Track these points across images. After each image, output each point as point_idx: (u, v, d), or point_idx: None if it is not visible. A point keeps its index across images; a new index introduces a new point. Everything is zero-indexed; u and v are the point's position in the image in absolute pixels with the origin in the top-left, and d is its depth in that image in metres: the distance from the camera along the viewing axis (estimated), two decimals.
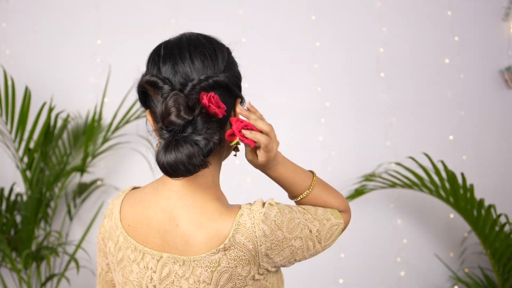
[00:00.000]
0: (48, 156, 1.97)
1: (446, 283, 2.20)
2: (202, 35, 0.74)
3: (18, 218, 2.08)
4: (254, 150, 0.73)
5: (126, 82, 2.18)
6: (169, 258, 0.70)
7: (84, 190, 2.13)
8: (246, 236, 0.66)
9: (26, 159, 1.96)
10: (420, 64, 2.26)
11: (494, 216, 1.82)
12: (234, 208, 0.70)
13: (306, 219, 0.72)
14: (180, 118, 0.64)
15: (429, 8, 2.27)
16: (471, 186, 1.81)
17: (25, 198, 2.04)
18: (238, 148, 0.77)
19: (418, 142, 2.24)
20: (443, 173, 2.07)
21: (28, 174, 1.99)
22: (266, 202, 0.70)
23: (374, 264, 2.22)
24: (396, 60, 2.26)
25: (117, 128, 2.07)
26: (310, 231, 0.72)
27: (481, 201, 1.80)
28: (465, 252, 2.19)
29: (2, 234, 1.85)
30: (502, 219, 2.06)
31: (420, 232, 2.23)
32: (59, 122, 2.13)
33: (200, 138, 0.64)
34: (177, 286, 0.69)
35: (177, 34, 0.75)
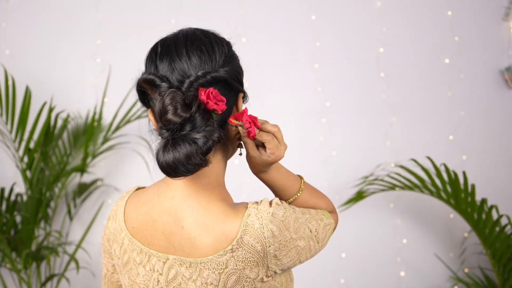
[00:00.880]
0: (48, 156, 1.97)
1: (446, 283, 2.20)
2: (199, 30, 0.73)
3: (18, 218, 2.07)
4: (257, 147, 0.72)
5: (126, 82, 2.18)
6: (175, 260, 0.69)
7: (84, 190, 2.13)
8: (255, 237, 0.65)
9: (26, 159, 1.96)
10: (420, 64, 2.26)
11: (495, 217, 1.81)
12: (240, 208, 0.68)
13: (306, 219, 0.71)
14: (177, 116, 0.62)
15: (429, 8, 2.27)
16: (473, 188, 1.81)
17: (25, 198, 2.04)
18: (242, 144, 0.76)
19: (418, 142, 2.24)
20: (444, 174, 2.07)
21: (28, 174, 1.99)
22: (272, 201, 0.69)
23: (374, 264, 2.22)
24: (396, 60, 2.26)
25: (117, 128, 2.07)
26: (310, 231, 0.71)
27: (482, 203, 1.79)
28: (465, 252, 2.19)
29: (2, 234, 1.85)
30: (502, 220, 2.06)
31: (420, 232, 2.23)
32: (59, 122, 2.13)
33: (198, 136, 0.62)
34: None
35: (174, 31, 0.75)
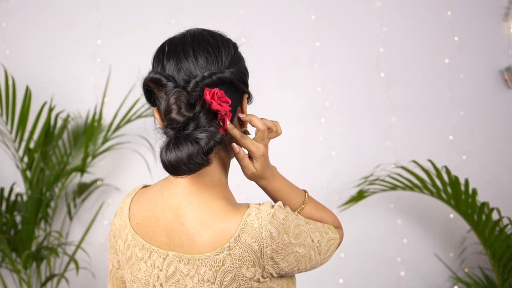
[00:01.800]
0: (48, 156, 1.97)
1: (446, 283, 2.20)
2: (207, 31, 0.74)
3: (18, 218, 2.07)
4: (251, 159, 0.74)
5: (126, 82, 2.18)
6: (174, 256, 0.70)
7: (84, 190, 2.13)
8: (253, 236, 0.65)
9: (26, 159, 1.96)
10: (420, 64, 2.26)
11: (495, 218, 1.81)
12: (241, 207, 0.69)
13: (308, 228, 0.71)
14: (180, 115, 0.63)
15: (429, 8, 2.27)
16: (474, 192, 1.81)
17: (25, 198, 2.04)
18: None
19: (418, 142, 2.24)
20: (445, 175, 2.07)
21: (28, 174, 1.99)
22: (275, 204, 0.69)
23: (374, 264, 2.22)
24: (396, 60, 2.26)
25: (117, 128, 2.07)
26: (312, 241, 0.71)
27: (483, 205, 1.79)
28: (464, 252, 2.19)
29: (2, 234, 1.85)
30: (503, 220, 2.06)
31: (420, 232, 2.23)
32: (59, 122, 2.13)
33: (201, 136, 0.63)
34: (182, 284, 0.69)
35: (181, 31, 0.75)
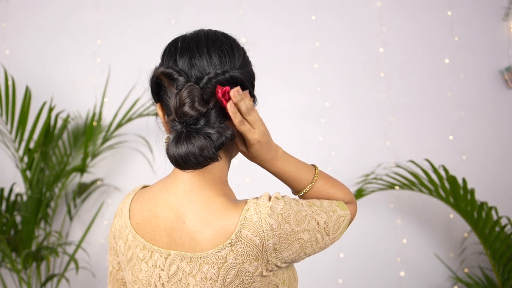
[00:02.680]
0: (48, 156, 1.97)
1: (446, 283, 2.20)
2: (220, 32, 0.75)
3: (18, 218, 2.07)
4: (244, 141, 0.72)
5: (126, 82, 2.18)
6: (176, 255, 0.70)
7: (84, 190, 2.13)
8: (253, 230, 0.65)
9: (26, 159, 1.96)
10: (420, 64, 2.26)
11: (495, 218, 1.81)
12: (240, 203, 0.69)
13: (313, 211, 0.71)
14: (194, 110, 0.64)
15: (429, 8, 2.27)
16: (472, 189, 1.81)
17: (25, 198, 2.04)
18: None
19: (418, 142, 2.24)
20: (443, 173, 2.07)
21: (28, 174, 1.99)
22: (272, 196, 0.70)
23: (374, 264, 2.22)
24: (396, 60, 2.26)
25: (117, 127, 2.07)
26: (318, 223, 0.71)
27: (482, 204, 1.79)
28: (464, 252, 2.19)
29: (2, 234, 1.85)
30: (502, 220, 2.06)
31: (420, 232, 2.23)
32: (59, 122, 2.13)
33: (212, 131, 0.64)
34: (184, 283, 0.69)
35: (181, 33, 0.76)
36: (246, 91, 0.69)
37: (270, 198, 0.69)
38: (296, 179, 0.77)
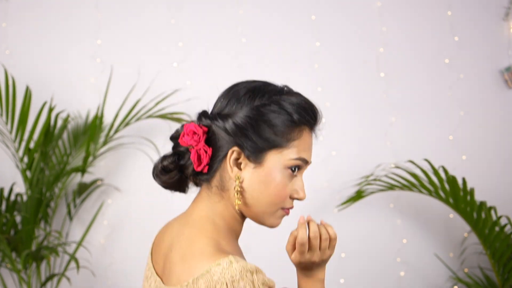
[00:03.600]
0: (48, 156, 1.97)
1: (446, 283, 2.20)
2: (255, 81, 0.79)
3: (18, 218, 2.07)
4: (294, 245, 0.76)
5: (126, 82, 2.18)
6: (158, 282, 0.74)
7: (84, 190, 2.13)
8: (206, 286, 0.62)
9: (26, 159, 1.96)
10: (420, 64, 2.26)
11: (494, 218, 1.81)
12: (220, 254, 0.65)
13: None
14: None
15: (429, 8, 2.27)
16: (472, 190, 1.81)
17: (25, 198, 2.04)
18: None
19: (418, 142, 2.24)
20: (443, 174, 2.07)
21: (28, 174, 1.99)
22: (252, 275, 0.64)
23: (374, 264, 2.22)
24: (396, 60, 2.26)
25: (118, 129, 2.07)
26: None
27: (482, 204, 1.79)
28: (464, 252, 2.19)
29: (2, 234, 1.85)
30: (502, 220, 2.06)
31: (420, 232, 2.23)
32: (59, 122, 2.13)
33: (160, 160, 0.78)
34: None
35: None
36: (302, 221, 0.74)
37: (249, 271, 0.63)
38: None
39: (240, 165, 0.72)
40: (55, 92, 2.18)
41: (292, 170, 0.72)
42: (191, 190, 0.81)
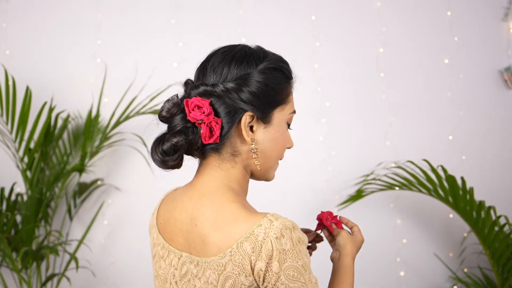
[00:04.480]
0: (48, 156, 1.98)
1: (446, 283, 2.21)
2: (251, 46, 0.81)
3: (19, 218, 2.08)
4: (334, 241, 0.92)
5: (126, 81, 2.18)
6: (187, 257, 0.73)
7: (84, 190, 2.13)
8: (253, 247, 0.64)
9: (26, 159, 1.96)
10: (420, 64, 2.26)
11: (493, 217, 1.82)
12: (257, 215, 0.67)
13: (302, 283, 0.66)
14: (160, 117, 0.78)
15: (428, 8, 2.27)
16: (471, 189, 1.81)
17: (25, 198, 2.04)
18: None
19: (417, 142, 2.24)
20: (442, 174, 2.07)
21: (28, 174, 2.00)
22: (293, 228, 0.67)
23: (374, 264, 2.22)
24: (396, 60, 2.26)
25: (115, 125, 2.06)
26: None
27: (481, 203, 1.80)
28: (464, 252, 2.19)
29: (3, 233, 1.85)
30: (501, 220, 2.06)
31: (419, 232, 2.24)
32: (59, 122, 2.13)
33: (166, 137, 0.74)
34: (192, 284, 0.72)
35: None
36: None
37: (288, 228, 0.66)
38: (337, 282, 0.90)
39: (252, 128, 0.75)
40: (55, 92, 2.19)
41: (288, 123, 0.81)
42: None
